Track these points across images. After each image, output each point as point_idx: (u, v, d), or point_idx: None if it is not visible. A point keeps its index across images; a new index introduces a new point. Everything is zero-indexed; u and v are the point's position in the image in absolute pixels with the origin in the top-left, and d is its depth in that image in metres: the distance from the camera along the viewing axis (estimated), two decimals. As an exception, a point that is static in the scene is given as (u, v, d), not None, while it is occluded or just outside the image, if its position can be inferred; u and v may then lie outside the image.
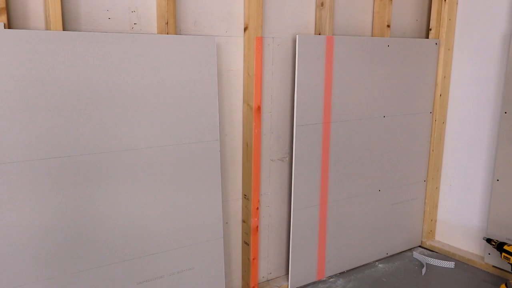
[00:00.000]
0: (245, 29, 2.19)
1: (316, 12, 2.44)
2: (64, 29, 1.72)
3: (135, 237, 1.91)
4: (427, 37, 2.92)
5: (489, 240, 2.59)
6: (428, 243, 3.05)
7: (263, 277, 2.54)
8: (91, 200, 1.78)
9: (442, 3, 2.80)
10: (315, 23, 2.45)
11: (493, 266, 2.69)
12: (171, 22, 1.94)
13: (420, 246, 3.08)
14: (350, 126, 2.54)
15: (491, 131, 2.73)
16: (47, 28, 1.69)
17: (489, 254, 2.70)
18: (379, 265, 2.80)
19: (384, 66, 2.63)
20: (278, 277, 2.59)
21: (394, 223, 2.90)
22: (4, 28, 1.56)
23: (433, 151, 2.96)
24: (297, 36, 2.24)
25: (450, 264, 2.78)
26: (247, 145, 2.27)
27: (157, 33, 1.94)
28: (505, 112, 2.55)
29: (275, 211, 2.50)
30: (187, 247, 2.05)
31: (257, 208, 2.31)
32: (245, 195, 2.33)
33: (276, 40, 2.31)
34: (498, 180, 2.62)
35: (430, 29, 2.85)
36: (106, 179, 1.80)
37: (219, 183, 2.10)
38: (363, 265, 2.79)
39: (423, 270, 2.71)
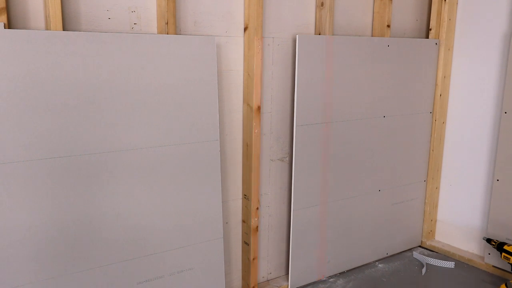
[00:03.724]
0: (245, 29, 2.19)
1: (316, 12, 2.44)
2: (64, 29, 1.72)
3: (135, 237, 1.91)
4: (427, 37, 2.92)
5: (489, 240, 2.59)
6: (428, 243, 3.05)
7: (263, 277, 2.54)
8: (91, 200, 1.78)
9: (442, 3, 2.80)
10: (315, 23, 2.45)
11: (493, 266, 2.69)
12: (171, 22, 1.94)
13: (420, 246, 3.08)
14: (350, 126, 2.54)
15: (491, 131, 2.73)
16: (47, 28, 1.69)
17: (489, 254, 2.70)
18: (379, 265, 2.80)
19: (384, 66, 2.62)
20: (278, 277, 2.59)
21: (394, 223, 2.90)
22: (4, 28, 1.56)
23: (433, 151, 2.96)
24: (297, 36, 2.24)
25: (450, 264, 2.78)
26: (247, 145, 2.27)
27: (157, 33, 1.94)
28: (505, 112, 2.55)
29: (275, 211, 2.50)
30: (187, 247, 2.05)
31: (257, 208, 2.31)
32: (245, 195, 2.33)
33: (276, 40, 2.31)
34: (498, 180, 2.62)
35: (430, 29, 2.85)
36: (106, 179, 1.80)
37: (219, 183, 2.10)
38: (363, 265, 2.79)
39: (423, 270, 2.71)
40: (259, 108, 2.22)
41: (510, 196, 2.57)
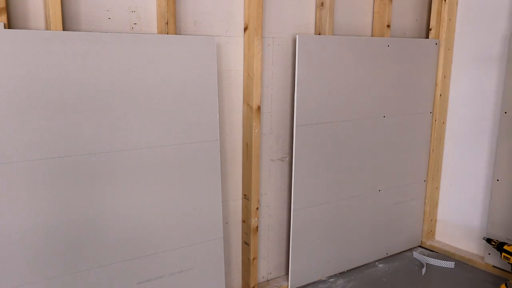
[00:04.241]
0: (245, 29, 2.19)
1: (316, 12, 2.44)
2: (64, 29, 1.72)
3: (135, 237, 1.91)
4: (427, 37, 2.92)
5: (489, 240, 2.59)
6: (428, 243, 3.05)
7: (263, 277, 2.54)
8: (91, 200, 1.78)
9: (442, 3, 2.80)
10: (315, 23, 2.45)
11: (493, 266, 2.69)
12: (171, 22, 1.94)
13: (420, 246, 3.08)
14: (350, 126, 2.54)
15: (491, 131, 2.73)
16: (47, 28, 1.69)
17: (489, 254, 2.70)
18: (379, 265, 2.80)
19: (384, 66, 2.62)
20: (278, 277, 2.59)
21: (394, 223, 2.90)
22: (4, 28, 1.56)
23: (433, 151, 2.96)
24: (297, 36, 2.24)
25: (450, 264, 2.78)
26: (247, 145, 2.27)
27: (157, 33, 1.94)
28: (505, 112, 2.55)
29: (275, 211, 2.50)
30: (187, 247, 2.05)
31: (257, 208, 2.31)
32: (245, 195, 2.33)
33: (276, 40, 2.32)
34: (498, 180, 2.62)
35: (430, 29, 2.85)
36: (106, 179, 1.80)
37: (219, 183, 2.10)
38: (363, 265, 2.79)
39: (423, 270, 2.71)
40: (259, 108, 2.22)
41: (510, 196, 2.57)
